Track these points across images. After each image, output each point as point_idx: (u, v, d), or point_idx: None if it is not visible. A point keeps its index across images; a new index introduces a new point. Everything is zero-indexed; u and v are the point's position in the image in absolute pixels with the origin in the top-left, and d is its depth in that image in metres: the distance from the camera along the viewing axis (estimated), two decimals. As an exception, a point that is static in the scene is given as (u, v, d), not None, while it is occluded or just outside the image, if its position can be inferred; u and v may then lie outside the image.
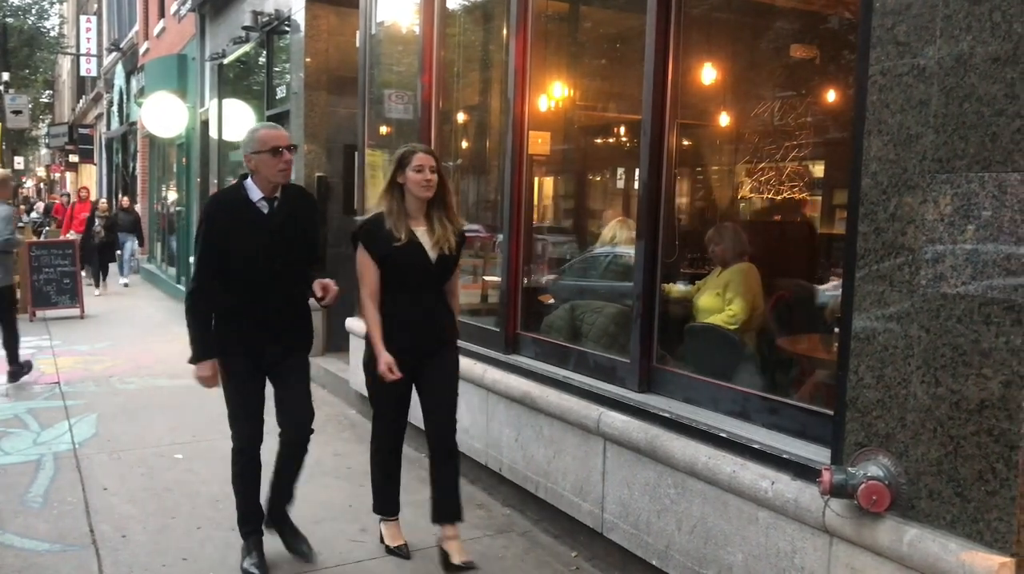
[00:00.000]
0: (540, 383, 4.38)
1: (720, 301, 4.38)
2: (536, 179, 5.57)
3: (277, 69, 9.92)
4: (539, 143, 6.12)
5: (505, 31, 5.16)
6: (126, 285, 16.02)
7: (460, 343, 4.02)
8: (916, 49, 2.55)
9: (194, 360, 3.72)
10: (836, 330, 2.99)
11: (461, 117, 6.77)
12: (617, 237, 5.14)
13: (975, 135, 2.39)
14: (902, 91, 2.58)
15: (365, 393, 4.19)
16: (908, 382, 2.56)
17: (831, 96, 5.36)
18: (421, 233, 3.82)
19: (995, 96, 2.34)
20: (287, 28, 9.22)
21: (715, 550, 3.24)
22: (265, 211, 3.71)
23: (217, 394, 3.83)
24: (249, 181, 3.73)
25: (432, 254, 3.82)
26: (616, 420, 3.78)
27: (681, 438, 3.44)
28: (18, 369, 7.69)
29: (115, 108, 23.12)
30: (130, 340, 10.15)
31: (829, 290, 4.43)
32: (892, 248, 2.60)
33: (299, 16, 8.58)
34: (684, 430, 3.45)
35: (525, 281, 5.09)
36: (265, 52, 10.13)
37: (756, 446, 3.13)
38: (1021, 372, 2.26)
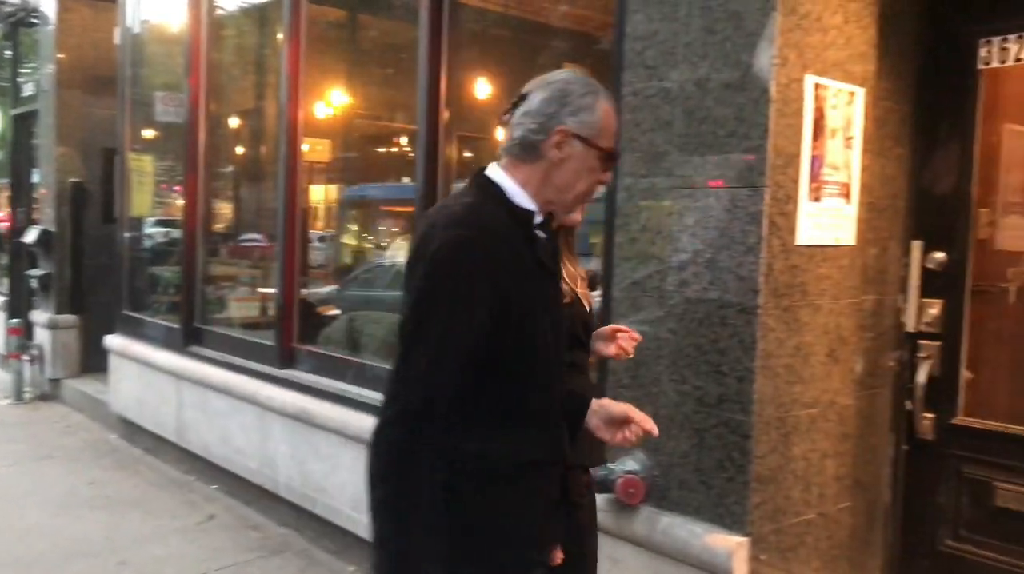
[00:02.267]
0: (318, 398, 4.28)
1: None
2: (320, 187, 5.48)
3: (25, 65, 9.05)
4: (318, 150, 6.00)
5: (280, 35, 5.02)
6: None
7: (233, 358, 3.83)
8: (662, 73, 2.75)
9: None
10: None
11: (235, 122, 6.51)
12: (401, 249, 5.14)
13: (712, 154, 2.62)
14: (651, 111, 2.78)
15: (129, 415, 3.85)
16: (659, 381, 2.75)
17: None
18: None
19: (728, 119, 2.57)
20: (35, 20, 8.43)
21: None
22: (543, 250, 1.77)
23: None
24: (514, 186, 1.70)
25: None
26: (394, 430, 3.76)
27: (337, 406, 3.47)
28: None
29: None
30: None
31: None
32: (645, 257, 2.79)
33: (48, 7, 7.89)
34: (337, 399, 3.49)
35: (303, 292, 4.97)
36: (11, 45, 9.21)
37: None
38: (752, 368, 2.50)
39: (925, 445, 2.95)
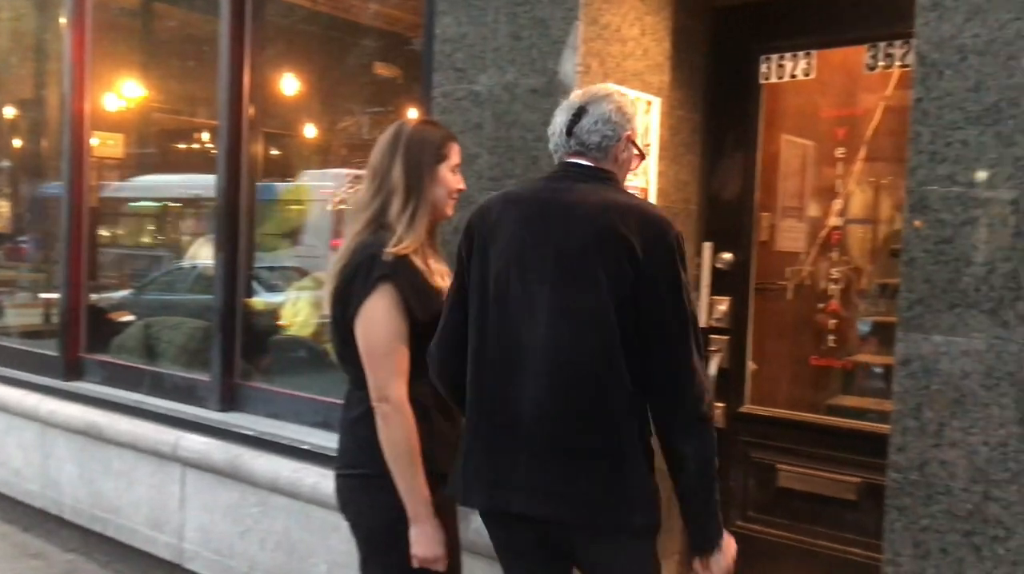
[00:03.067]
0: (109, 411, 3.97)
1: (293, 310, 4.38)
2: (112, 184, 5.11)
3: None
4: (110, 145, 5.59)
5: (63, 20, 4.62)
6: None
7: (10, 372, 3.50)
8: (472, 76, 2.78)
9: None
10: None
11: (11, 112, 5.93)
12: (201, 251, 4.88)
13: (521, 157, 2.67)
14: (461, 114, 2.80)
15: None
16: (471, 382, 2.76)
17: (414, 115, 5.66)
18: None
19: (535, 123, 2.63)
20: None
21: (299, 563, 3.21)
22: None
23: None
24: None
25: None
26: (196, 443, 3.56)
27: (265, 455, 3.35)
28: None
29: None
30: None
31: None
32: (455, 258, 2.80)
33: None
34: (268, 446, 3.37)
35: (92, 298, 4.60)
36: None
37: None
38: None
39: (717, 433, 3.15)
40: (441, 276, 2.11)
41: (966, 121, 1.95)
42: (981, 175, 1.93)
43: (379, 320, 1.99)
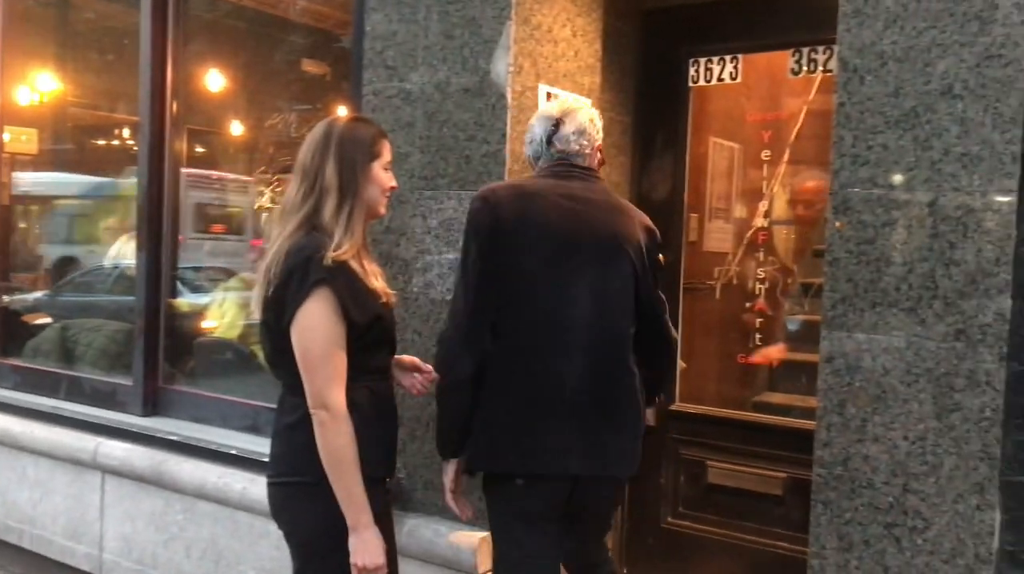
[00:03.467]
0: (23, 417, 3.81)
1: (220, 313, 4.28)
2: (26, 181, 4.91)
3: None
4: (23, 140, 5.37)
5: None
6: None
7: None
8: (403, 74, 2.75)
9: None
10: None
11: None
12: (123, 251, 4.72)
13: (453, 156, 2.66)
14: (392, 112, 2.77)
15: None
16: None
17: (343, 112, 5.58)
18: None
19: (467, 123, 2.62)
20: None
21: (227, 570, 3.13)
22: None
23: None
24: None
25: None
26: (116, 449, 3.44)
27: (191, 460, 3.25)
28: None
29: None
30: None
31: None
32: (389, 259, 2.77)
33: None
34: (194, 452, 3.27)
35: (4, 299, 4.42)
36: None
37: (267, 460, 3.09)
38: (493, 367, 2.56)
39: (649, 431, 3.17)
40: (376, 276, 2.06)
41: (886, 125, 2.01)
42: (899, 178, 2.00)
43: (316, 326, 1.92)
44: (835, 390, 2.08)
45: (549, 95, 2.70)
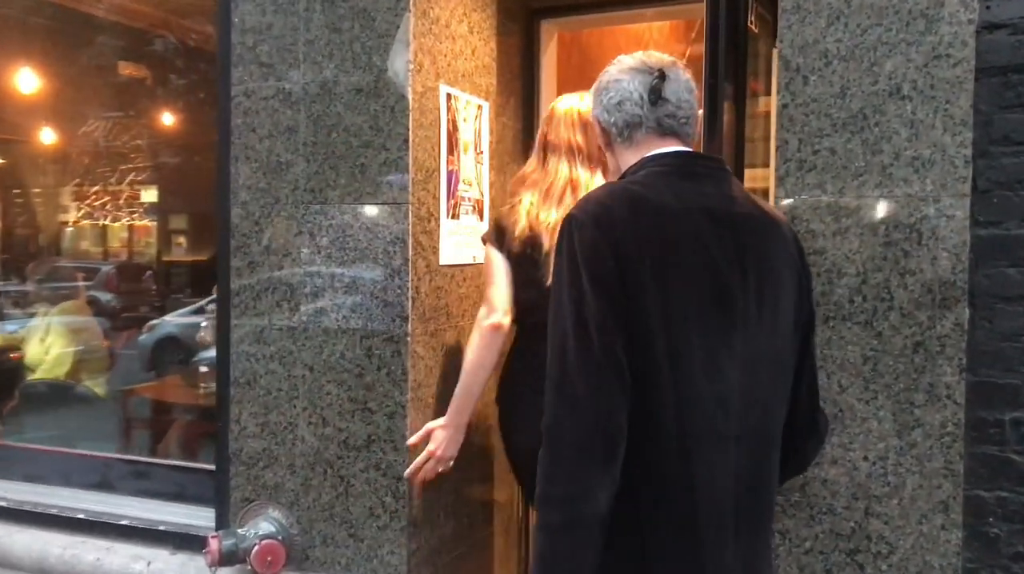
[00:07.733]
0: None
1: (43, 349, 3.72)
2: None
3: None
4: None
5: None
6: None
7: None
8: (281, 72, 2.40)
9: None
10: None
11: None
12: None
13: (345, 165, 2.34)
14: (269, 115, 2.41)
15: None
16: (295, 426, 2.39)
17: (170, 119, 5.09)
18: None
19: (362, 127, 2.31)
20: None
21: (81, 662, 2.64)
22: None
23: None
24: None
25: None
26: (-74, 522, 2.85)
27: (26, 530, 2.74)
28: None
29: None
30: None
31: (187, 322, 4.07)
32: (270, 283, 2.41)
33: None
34: (30, 519, 2.77)
35: None
36: None
37: (125, 522, 2.67)
38: (404, 402, 2.27)
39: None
40: None
41: (832, 128, 1.90)
42: (850, 184, 1.89)
43: None
44: (789, 411, 1.94)
45: (450, 96, 2.44)
